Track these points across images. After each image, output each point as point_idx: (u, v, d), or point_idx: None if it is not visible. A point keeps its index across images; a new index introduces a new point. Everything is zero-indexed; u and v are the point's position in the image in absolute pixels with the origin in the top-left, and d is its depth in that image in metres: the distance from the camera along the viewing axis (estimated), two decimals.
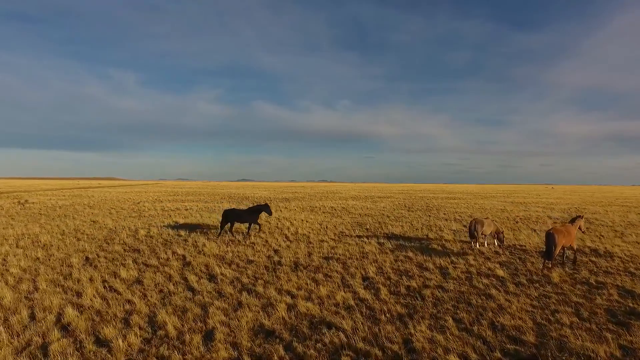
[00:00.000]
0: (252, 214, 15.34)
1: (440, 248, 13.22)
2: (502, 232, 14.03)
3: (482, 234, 13.24)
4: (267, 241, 14.09)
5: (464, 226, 19.60)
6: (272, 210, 20.77)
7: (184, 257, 11.31)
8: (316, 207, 30.90)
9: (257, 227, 16.29)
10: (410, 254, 11.95)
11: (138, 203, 31.67)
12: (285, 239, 14.60)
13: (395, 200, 41.59)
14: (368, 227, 18.72)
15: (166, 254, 11.66)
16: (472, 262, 10.98)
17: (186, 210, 26.52)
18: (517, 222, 21.29)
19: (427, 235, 16.35)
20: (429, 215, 24.66)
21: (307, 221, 20.51)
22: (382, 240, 14.47)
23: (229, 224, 15.05)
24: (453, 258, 11.47)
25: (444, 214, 26.20)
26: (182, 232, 15.87)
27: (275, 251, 12.39)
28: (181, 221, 19.39)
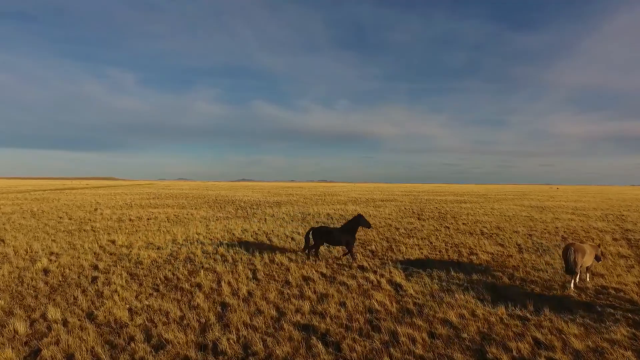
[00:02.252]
0: (347, 231, 11.45)
1: (490, 292, 8.21)
2: (600, 247, 9.81)
3: (582, 267, 8.77)
4: (220, 281, 9.09)
5: (500, 244, 14.66)
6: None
7: (47, 329, 6.29)
8: (309, 214, 25.83)
9: (348, 252, 11.53)
10: (452, 316, 6.95)
11: (95, 210, 26.51)
12: (250, 276, 9.61)
13: (401, 205, 36.46)
14: (373, 248, 13.70)
15: (24, 323, 6.64)
16: (577, 342, 5.93)
17: (148, 219, 21.46)
18: (565, 239, 16.26)
19: (457, 261, 11.45)
20: (447, 227, 19.64)
21: (292, 238, 15.50)
22: (396, 278, 9.45)
23: (311, 244, 11.88)
24: (531, 327, 6.44)
25: (464, 224, 21.18)
26: (103, 262, 10.85)
27: (223, 308, 7.39)
28: (120, 240, 14.30)
